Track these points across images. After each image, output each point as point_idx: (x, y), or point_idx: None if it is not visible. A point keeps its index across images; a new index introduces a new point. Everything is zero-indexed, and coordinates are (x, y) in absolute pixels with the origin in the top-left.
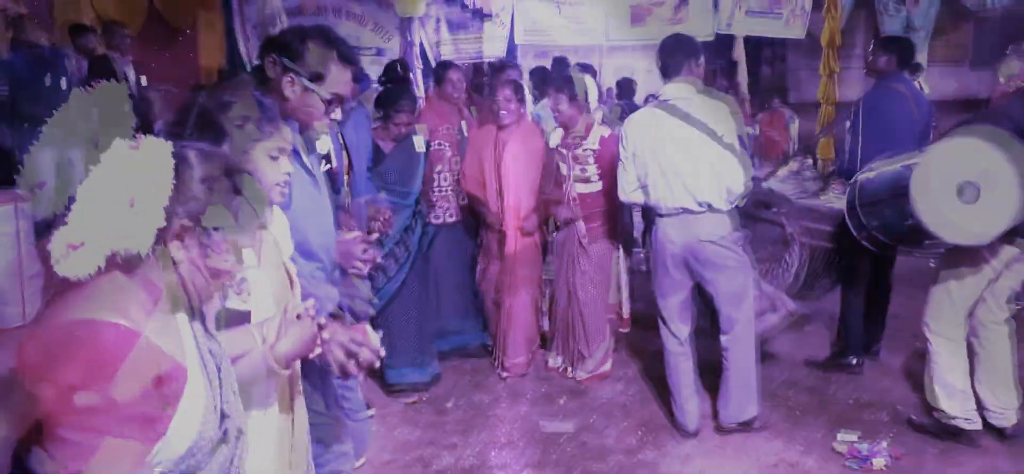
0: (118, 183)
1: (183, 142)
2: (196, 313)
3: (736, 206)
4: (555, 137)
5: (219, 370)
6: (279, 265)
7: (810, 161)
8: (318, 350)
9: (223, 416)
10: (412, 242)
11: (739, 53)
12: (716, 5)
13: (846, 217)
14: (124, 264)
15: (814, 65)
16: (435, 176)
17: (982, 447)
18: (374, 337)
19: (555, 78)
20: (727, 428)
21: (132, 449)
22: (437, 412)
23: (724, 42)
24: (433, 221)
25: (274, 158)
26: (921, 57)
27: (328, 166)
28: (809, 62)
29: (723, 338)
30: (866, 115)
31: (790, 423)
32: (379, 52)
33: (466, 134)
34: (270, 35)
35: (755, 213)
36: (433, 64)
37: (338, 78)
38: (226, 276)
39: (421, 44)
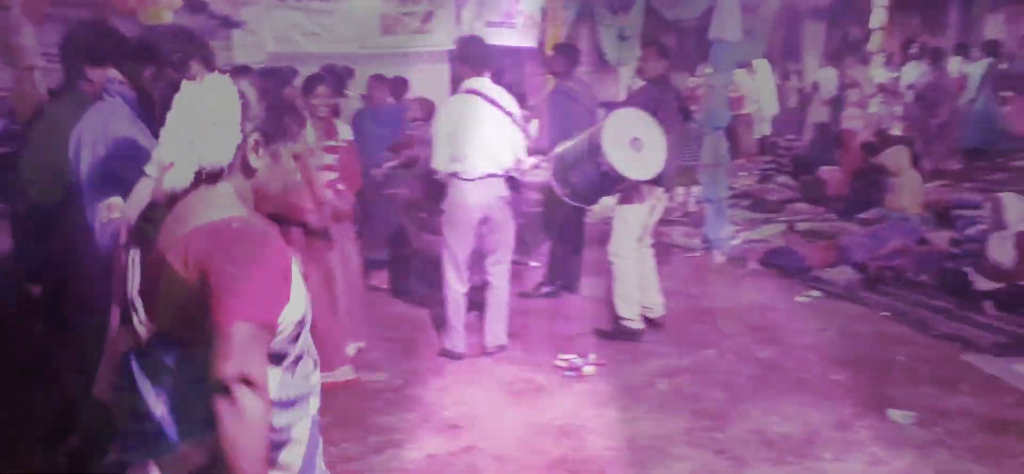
0: (196, 111)
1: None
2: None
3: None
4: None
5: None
6: None
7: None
8: None
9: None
10: None
11: None
12: (458, 17)
13: (553, 181)
14: (209, 177)
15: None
16: None
17: (654, 348)
18: None
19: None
20: (490, 350)
21: (263, 331)
22: None
23: None
24: None
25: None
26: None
27: None
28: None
29: (490, 279)
30: (550, 105)
31: (524, 352)
32: None
33: None
34: None
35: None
36: None
37: None
38: (290, 177)
39: None
